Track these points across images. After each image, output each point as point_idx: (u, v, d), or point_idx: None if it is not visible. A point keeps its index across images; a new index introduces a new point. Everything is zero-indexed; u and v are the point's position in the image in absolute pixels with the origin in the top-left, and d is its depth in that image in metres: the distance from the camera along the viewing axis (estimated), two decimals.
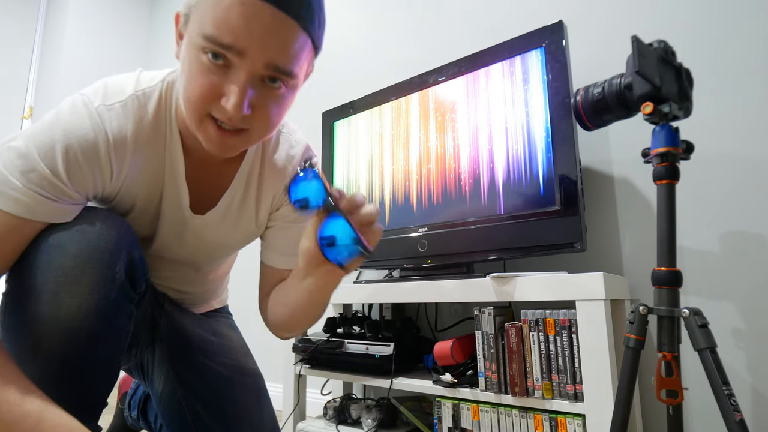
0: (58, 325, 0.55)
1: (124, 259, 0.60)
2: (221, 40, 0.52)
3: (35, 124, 0.60)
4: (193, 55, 0.55)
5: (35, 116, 2.74)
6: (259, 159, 0.76)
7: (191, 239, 0.76)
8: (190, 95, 0.56)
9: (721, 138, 1.09)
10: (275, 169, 0.77)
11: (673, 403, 0.68)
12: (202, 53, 0.54)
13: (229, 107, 0.54)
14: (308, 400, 1.61)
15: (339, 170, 1.52)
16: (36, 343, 0.55)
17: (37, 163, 0.56)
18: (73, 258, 0.56)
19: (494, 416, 1.00)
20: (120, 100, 0.63)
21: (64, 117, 0.59)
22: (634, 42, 0.67)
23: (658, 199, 0.72)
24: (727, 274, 1.05)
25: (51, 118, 0.59)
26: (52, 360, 0.55)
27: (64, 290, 0.55)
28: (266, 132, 0.61)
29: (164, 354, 0.83)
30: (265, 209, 0.78)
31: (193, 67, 0.55)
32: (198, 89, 0.55)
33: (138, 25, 2.94)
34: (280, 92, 0.58)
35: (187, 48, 0.56)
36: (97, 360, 0.58)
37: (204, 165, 0.71)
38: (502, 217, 1.11)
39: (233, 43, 0.52)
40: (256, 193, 0.76)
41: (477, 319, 1.04)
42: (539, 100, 1.11)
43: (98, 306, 0.57)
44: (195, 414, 0.80)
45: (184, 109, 0.58)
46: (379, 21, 1.85)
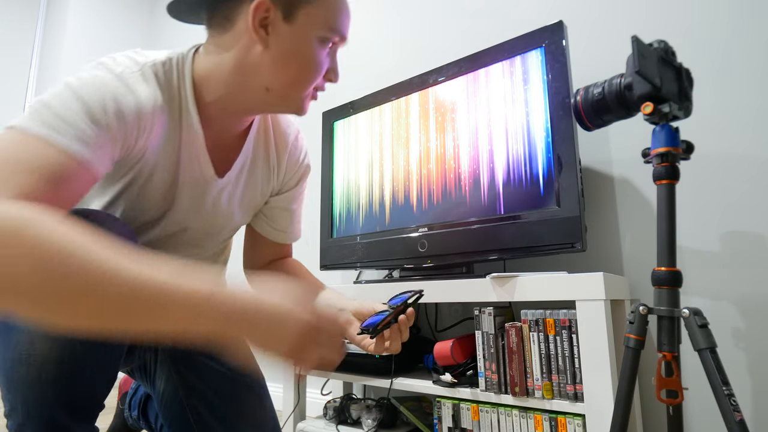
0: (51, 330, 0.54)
1: None
2: (343, 33, 0.69)
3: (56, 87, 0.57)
4: (313, 45, 0.67)
5: None
6: (263, 128, 0.83)
7: (209, 206, 0.78)
8: (308, 76, 0.68)
9: (721, 138, 1.09)
10: (277, 137, 0.85)
11: (673, 403, 0.68)
12: (321, 42, 0.67)
13: (337, 80, 0.73)
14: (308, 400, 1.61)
15: (339, 170, 1.52)
16: (30, 346, 0.54)
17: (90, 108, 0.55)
18: None
19: (494, 416, 1.00)
20: (137, 69, 0.64)
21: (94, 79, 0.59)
22: (634, 42, 0.67)
23: (658, 199, 0.72)
24: (727, 274, 1.05)
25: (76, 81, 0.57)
26: (47, 364, 0.55)
27: None
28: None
29: (166, 354, 0.83)
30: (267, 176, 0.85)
31: (311, 54, 0.67)
32: (319, 71, 0.69)
33: (138, 25, 2.95)
34: None
35: (298, 38, 0.66)
36: (94, 364, 0.58)
37: (220, 135, 0.75)
38: (502, 217, 1.11)
39: (345, 33, 0.69)
40: (263, 157, 0.83)
41: (477, 319, 1.04)
42: (539, 100, 1.11)
43: None
44: (197, 414, 0.80)
45: (292, 87, 0.69)
46: (379, 21, 1.85)
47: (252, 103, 0.71)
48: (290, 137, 0.87)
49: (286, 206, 0.89)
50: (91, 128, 0.55)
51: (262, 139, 0.83)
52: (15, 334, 0.55)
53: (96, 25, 2.74)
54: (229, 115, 0.73)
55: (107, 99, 0.57)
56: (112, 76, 0.60)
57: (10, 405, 0.58)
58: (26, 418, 0.56)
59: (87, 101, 0.56)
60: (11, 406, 0.57)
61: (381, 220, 1.37)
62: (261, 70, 0.67)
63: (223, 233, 0.85)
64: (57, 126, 0.52)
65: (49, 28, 2.80)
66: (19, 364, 0.55)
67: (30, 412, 0.56)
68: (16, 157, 0.48)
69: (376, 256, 1.33)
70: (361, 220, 1.42)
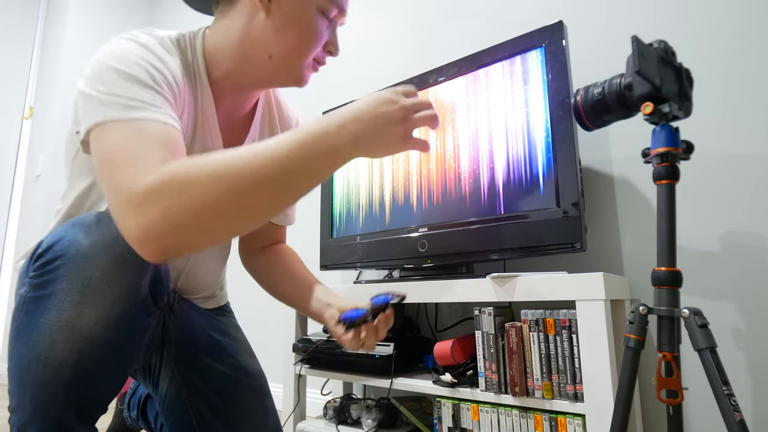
0: (74, 333, 0.55)
1: (151, 273, 0.61)
2: (342, 5, 0.72)
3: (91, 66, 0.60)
4: (311, 15, 0.70)
5: (35, 116, 2.74)
6: (267, 109, 0.87)
7: None
8: (307, 44, 0.71)
9: (721, 138, 1.09)
10: (281, 119, 0.90)
11: (673, 403, 0.68)
12: (319, 13, 0.70)
13: (337, 53, 0.75)
14: (308, 400, 1.61)
15: (339, 170, 1.52)
16: (50, 347, 0.55)
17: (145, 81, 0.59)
18: (102, 270, 0.56)
19: (494, 416, 1.00)
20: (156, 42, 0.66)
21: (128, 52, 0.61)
22: (634, 42, 0.67)
23: (658, 199, 0.72)
24: (727, 274, 1.05)
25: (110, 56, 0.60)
26: (63, 365, 0.55)
27: (88, 301, 0.56)
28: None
29: (171, 355, 0.83)
30: None
31: (311, 22, 0.70)
32: (318, 39, 0.71)
33: (138, 24, 2.94)
34: None
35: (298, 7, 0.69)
36: (106, 370, 0.59)
37: (230, 113, 0.78)
38: (502, 217, 1.11)
39: (344, 6, 0.73)
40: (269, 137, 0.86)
41: (477, 319, 1.04)
42: (539, 100, 1.11)
43: (117, 319, 0.57)
44: (199, 416, 0.80)
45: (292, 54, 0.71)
46: (379, 21, 1.85)
47: (257, 74, 0.74)
48: (293, 121, 0.92)
49: None
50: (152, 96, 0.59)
51: (267, 122, 0.86)
52: (36, 334, 0.56)
53: (96, 24, 2.74)
54: (237, 90, 0.76)
55: (149, 68, 0.61)
56: (141, 48, 0.62)
57: (18, 401, 0.58)
58: (33, 416, 0.57)
59: (135, 75, 0.58)
60: (18, 402, 0.58)
61: (381, 220, 1.37)
62: (264, 37, 0.70)
63: None
64: (139, 106, 0.56)
65: (49, 28, 2.80)
66: (36, 363, 0.55)
67: (38, 410, 0.56)
68: (142, 139, 0.54)
69: (376, 256, 1.33)
70: (361, 220, 1.42)
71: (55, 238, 0.59)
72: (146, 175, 0.50)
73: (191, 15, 2.70)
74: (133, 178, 0.51)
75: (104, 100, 0.56)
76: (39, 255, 0.59)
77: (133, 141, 0.54)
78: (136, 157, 0.52)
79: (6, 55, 2.77)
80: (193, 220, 0.50)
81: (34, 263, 0.59)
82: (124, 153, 0.53)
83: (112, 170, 0.53)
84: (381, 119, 0.57)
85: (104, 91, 0.56)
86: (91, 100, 0.57)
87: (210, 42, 0.73)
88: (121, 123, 0.55)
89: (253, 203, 0.52)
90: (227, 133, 0.79)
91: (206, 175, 0.50)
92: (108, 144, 0.54)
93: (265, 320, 1.94)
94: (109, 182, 0.53)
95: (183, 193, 0.49)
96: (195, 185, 0.50)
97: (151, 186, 0.50)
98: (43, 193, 2.48)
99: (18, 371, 0.57)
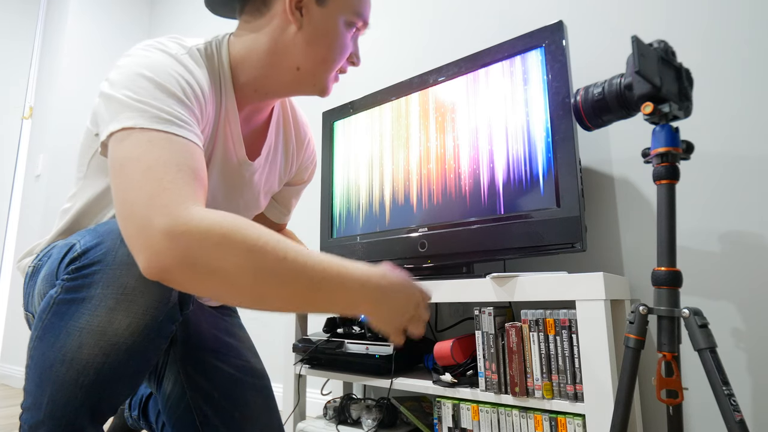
0: (104, 338, 0.56)
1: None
2: (366, 19, 0.75)
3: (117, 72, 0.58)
4: (340, 27, 0.72)
5: (35, 116, 2.74)
6: (282, 117, 0.88)
7: (240, 187, 0.80)
8: (335, 56, 0.73)
9: (721, 138, 1.09)
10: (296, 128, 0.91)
11: (673, 403, 0.68)
12: (347, 26, 0.73)
13: (359, 64, 0.78)
14: (308, 400, 1.61)
15: (339, 170, 1.52)
16: (77, 349, 0.56)
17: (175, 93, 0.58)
18: (137, 278, 0.57)
19: (494, 416, 1.00)
20: (185, 52, 0.66)
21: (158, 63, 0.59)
22: (634, 42, 0.67)
23: (658, 199, 0.72)
24: (727, 274, 1.05)
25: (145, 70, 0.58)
26: (88, 368, 0.56)
27: (121, 308, 0.57)
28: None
29: (177, 355, 0.83)
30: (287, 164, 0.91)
31: (340, 35, 0.72)
32: (344, 51, 0.74)
33: (138, 24, 2.94)
34: None
35: (328, 20, 0.71)
36: (127, 374, 0.60)
37: (249, 120, 0.80)
38: (502, 217, 1.11)
39: (368, 19, 0.75)
40: (284, 146, 0.89)
41: (477, 319, 1.04)
42: (539, 100, 1.11)
43: (146, 326, 0.58)
44: (203, 416, 0.80)
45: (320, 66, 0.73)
46: (379, 21, 1.85)
47: (282, 83, 0.75)
48: (308, 131, 0.95)
49: (293, 194, 0.98)
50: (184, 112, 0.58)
51: (282, 129, 0.88)
52: (65, 336, 0.57)
53: (96, 24, 2.74)
54: (260, 97, 0.76)
55: (181, 81, 0.60)
56: (171, 59, 0.62)
57: (34, 400, 0.58)
58: (47, 417, 0.57)
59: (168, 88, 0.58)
60: (34, 401, 0.58)
61: (381, 220, 1.37)
62: (293, 50, 0.72)
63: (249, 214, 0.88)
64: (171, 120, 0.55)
65: (49, 28, 2.79)
66: (60, 364, 0.56)
67: (54, 411, 0.57)
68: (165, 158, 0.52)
69: (376, 256, 1.33)
70: (361, 220, 1.42)
71: (91, 242, 0.59)
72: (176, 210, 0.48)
73: (191, 15, 2.70)
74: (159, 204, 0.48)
75: (134, 106, 0.54)
76: (74, 258, 0.59)
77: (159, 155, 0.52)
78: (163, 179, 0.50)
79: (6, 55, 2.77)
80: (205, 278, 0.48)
81: (67, 266, 0.59)
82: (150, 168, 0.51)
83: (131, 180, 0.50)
84: (401, 305, 0.61)
85: (135, 97, 0.55)
86: (119, 103, 0.55)
87: (236, 49, 0.74)
88: (151, 133, 0.53)
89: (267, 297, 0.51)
90: (246, 138, 0.80)
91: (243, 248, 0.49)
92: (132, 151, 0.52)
93: (265, 320, 1.94)
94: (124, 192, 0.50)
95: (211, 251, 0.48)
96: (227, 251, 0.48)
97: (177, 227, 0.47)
98: (43, 193, 2.48)
99: (39, 371, 0.58)
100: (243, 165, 0.78)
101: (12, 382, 2.42)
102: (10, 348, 2.53)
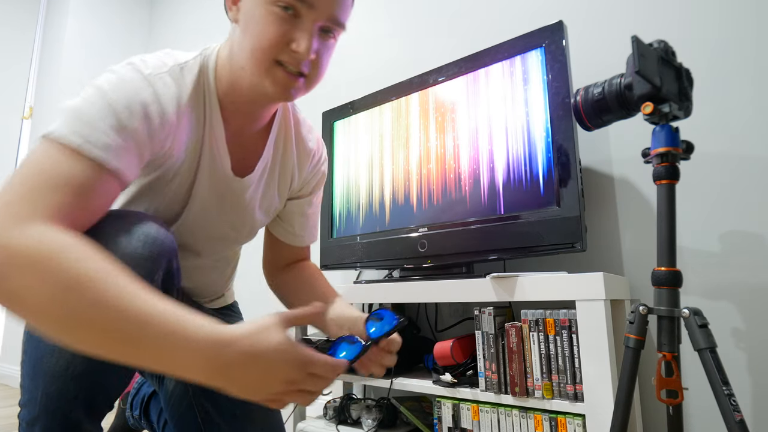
0: None
1: (164, 268, 0.61)
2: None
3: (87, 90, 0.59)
4: (264, 9, 0.62)
5: (35, 116, 2.74)
6: (283, 131, 0.83)
7: (231, 203, 0.78)
8: (262, 42, 0.62)
9: (721, 138, 1.09)
10: (299, 143, 0.86)
11: (673, 403, 0.68)
12: (275, 6, 0.61)
13: (301, 49, 0.62)
14: None
15: (339, 170, 1.52)
16: None
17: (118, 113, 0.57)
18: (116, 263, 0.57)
19: (494, 416, 1.00)
20: (165, 71, 0.65)
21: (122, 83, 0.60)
22: (634, 42, 0.67)
23: (658, 199, 0.72)
24: (727, 274, 1.05)
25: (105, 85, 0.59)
26: (76, 358, 0.56)
27: None
28: (319, 78, 0.69)
29: None
30: (286, 181, 0.86)
31: (264, 18, 0.62)
32: (271, 35, 0.62)
33: (138, 24, 2.95)
34: (331, 42, 0.67)
35: (255, 5, 0.63)
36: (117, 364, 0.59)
37: (239, 135, 0.76)
38: (502, 217, 1.11)
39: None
40: (282, 162, 0.84)
41: (477, 319, 1.04)
42: (539, 100, 1.11)
43: None
44: (205, 413, 0.80)
45: (252, 58, 0.63)
46: (379, 21, 1.85)
47: (243, 89, 0.70)
48: (311, 143, 0.88)
49: (301, 211, 0.91)
50: (121, 135, 0.57)
51: (282, 143, 0.83)
52: None
53: (96, 24, 2.74)
54: (240, 107, 0.73)
55: (135, 103, 0.59)
56: (140, 78, 0.61)
57: (29, 395, 0.58)
58: (42, 411, 0.57)
59: (116, 107, 0.57)
60: (30, 396, 0.58)
61: (381, 220, 1.37)
62: (237, 48, 0.66)
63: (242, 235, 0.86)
64: (88, 136, 0.54)
65: (49, 28, 2.80)
66: (50, 355, 0.56)
67: (48, 404, 0.57)
68: (52, 173, 0.51)
69: (376, 256, 1.33)
70: (361, 220, 1.42)
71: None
72: (9, 223, 0.46)
73: (191, 15, 2.70)
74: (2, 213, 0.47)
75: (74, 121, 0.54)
76: None
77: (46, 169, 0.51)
78: (27, 192, 0.48)
79: (6, 55, 2.77)
80: (5, 298, 0.45)
81: None
82: (29, 176, 0.50)
83: (8, 181, 0.50)
84: (256, 381, 0.48)
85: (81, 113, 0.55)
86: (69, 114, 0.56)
87: (220, 59, 0.71)
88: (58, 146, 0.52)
89: (79, 341, 0.45)
90: (238, 152, 0.77)
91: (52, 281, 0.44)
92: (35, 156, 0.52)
93: None
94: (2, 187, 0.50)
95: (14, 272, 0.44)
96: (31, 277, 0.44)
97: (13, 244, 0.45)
98: None
99: (32, 364, 0.58)
100: (232, 181, 0.76)
101: (12, 382, 2.43)
102: (10, 348, 2.54)
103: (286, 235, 0.91)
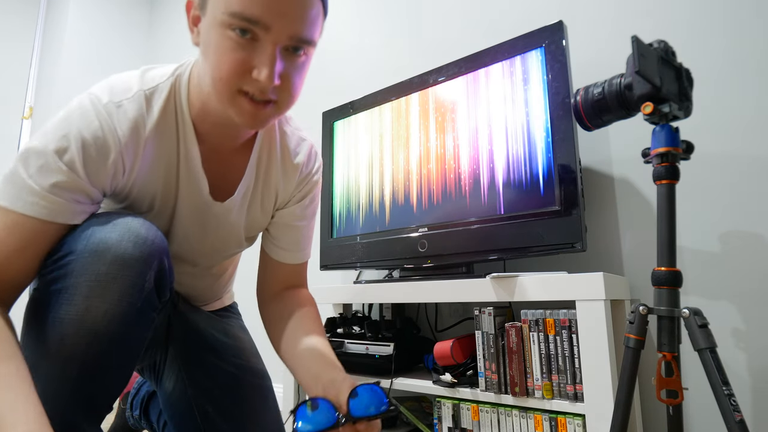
0: (83, 327, 0.56)
1: (155, 268, 0.61)
2: (249, 16, 0.55)
3: (47, 124, 0.61)
4: (218, 34, 0.57)
5: (35, 116, 2.74)
6: (266, 148, 0.78)
7: (214, 227, 0.77)
8: (221, 73, 0.58)
9: (721, 138, 1.09)
10: (284, 158, 0.80)
11: (673, 403, 0.68)
12: (229, 30, 0.56)
13: (262, 78, 0.57)
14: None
15: (339, 170, 1.52)
16: (60, 342, 0.56)
17: (54, 160, 0.58)
18: (108, 264, 0.57)
19: (494, 416, 1.00)
20: (127, 97, 0.64)
21: (75, 116, 0.61)
22: (634, 42, 0.67)
23: (658, 199, 0.72)
24: (727, 274, 1.05)
25: (61, 117, 0.61)
26: (72, 360, 0.56)
27: (95, 294, 0.56)
28: (292, 101, 0.64)
29: (176, 354, 0.83)
30: (271, 199, 0.81)
31: (220, 45, 0.57)
32: (229, 65, 0.57)
33: (138, 24, 2.94)
34: (301, 60, 0.62)
35: (209, 29, 0.59)
36: (113, 365, 0.59)
37: (217, 154, 0.73)
38: (502, 217, 1.11)
39: (259, 18, 0.55)
40: (264, 180, 0.80)
41: (477, 319, 1.04)
42: (539, 100, 1.11)
43: (124, 313, 0.58)
44: (204, 413, 0.80)
45: (214, 88, 0.60)
46: (379, 21, 1.85)
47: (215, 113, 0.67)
48: (299, 156, 0.82)
49: (290, 222, 0.83)
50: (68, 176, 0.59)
51: (266, 160, 0.79)
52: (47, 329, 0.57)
53: (96, 24, 2.74)
54: (214, 128, 0.70)
55: (88, 138, 0.60)
56: (96, 110, 0.62)
57: None
58: None
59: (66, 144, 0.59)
60: None
61: (381, 220, 1.37)
62: (203, 73, 0.63)
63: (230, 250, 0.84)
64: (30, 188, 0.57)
65: (49, 28, 2.80)
66: (45, 357, 0.56)
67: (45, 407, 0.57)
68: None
69: (376, 256, 1.33)
70: (361, 220, 1.42)
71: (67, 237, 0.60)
72: None
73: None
74: None
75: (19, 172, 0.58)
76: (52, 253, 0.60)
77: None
78: None
79: (6, 55, 2.76)
80: None
81: (46, 259, 0.60)
82: None
83: None
84: None
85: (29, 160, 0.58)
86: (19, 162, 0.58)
87: (192, 77, 0.69)
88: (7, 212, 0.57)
89: None
90: (216, 171, 0.74)
91: None
92: None
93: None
94: None
95: None
96: None
97: None
98: None
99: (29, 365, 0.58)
100: (212, 206, 0.74)
101: None
102: None
103: (275, 250, 0.84)
